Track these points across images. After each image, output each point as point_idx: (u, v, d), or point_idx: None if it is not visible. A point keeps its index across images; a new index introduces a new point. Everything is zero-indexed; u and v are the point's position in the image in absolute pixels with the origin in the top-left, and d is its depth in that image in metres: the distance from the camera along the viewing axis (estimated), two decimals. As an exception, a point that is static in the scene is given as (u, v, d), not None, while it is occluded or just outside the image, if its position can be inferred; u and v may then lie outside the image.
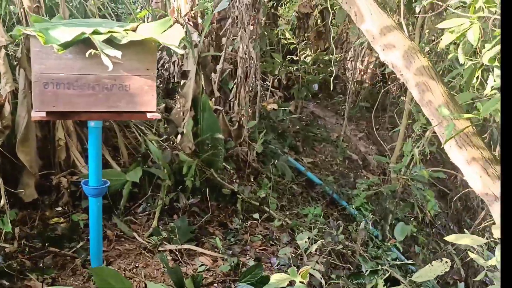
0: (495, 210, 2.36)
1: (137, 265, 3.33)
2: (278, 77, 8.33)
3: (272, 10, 8.90)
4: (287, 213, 4.82)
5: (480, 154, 2.38)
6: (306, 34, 9.45)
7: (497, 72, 2.73)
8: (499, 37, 2.62)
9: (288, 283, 2.35)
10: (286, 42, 8.53)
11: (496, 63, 2.67)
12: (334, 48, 8.21)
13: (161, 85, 6.44)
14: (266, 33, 7.63)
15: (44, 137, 3.82)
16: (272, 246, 4.07)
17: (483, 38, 2.68)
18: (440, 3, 3.26)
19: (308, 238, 3.69)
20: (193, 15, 6.14)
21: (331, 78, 5.53)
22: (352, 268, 3.90)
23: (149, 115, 2.84)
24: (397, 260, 4.63)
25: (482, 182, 2.37)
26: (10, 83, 3.48)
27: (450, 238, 2.41)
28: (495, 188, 2.34)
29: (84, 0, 4.99)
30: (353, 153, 7.22)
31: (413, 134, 5.11)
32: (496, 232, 2.27)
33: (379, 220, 5.60)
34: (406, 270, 4.48)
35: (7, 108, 3.46)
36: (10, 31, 3.78)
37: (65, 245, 3.39)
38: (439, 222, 6.00)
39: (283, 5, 9.79)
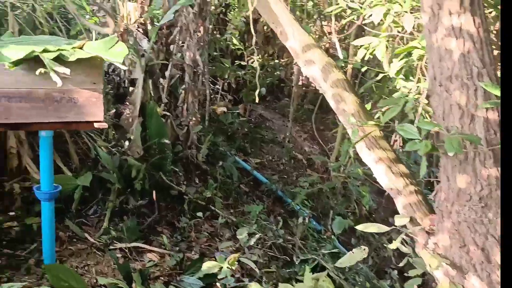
0: (399, 202, 2.76)
1: (88, 263, 3.57)
2: (228, 81, 8.66)
3: (222, 16, 9.23)
4: (232, 211, 5.15)
5: (386, 155, 2.77)
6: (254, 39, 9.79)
7: (403, 83, 3.15)
8: (403, 53, 3.05)
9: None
10: (234, 47, 8.85)
11: (401, 76, 3.10)
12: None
13: (112, 91, 6.61)
14: (214, 39, 7.95)
15: (-4, 145, 4.01)
16: (217, 242, 4.39)
17: (390, 54, 3.10)
18: (357, 22, 3.69)
19: (250, 233, 4.03)
20: (143, 22, 6.37)
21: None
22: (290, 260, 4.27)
23: (96, 125, 3.10)
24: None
25: (388, 178, 2.76)
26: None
27: (359, 227, 2.79)
28: (398, 183, 2.73)
29: (32, 12, 5.15)
30: (298, 153, 7.63)
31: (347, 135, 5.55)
32: (397, 221, 2.68)
33: (322, 216, 6.03)
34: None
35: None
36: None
37: (19, 247, 3.59)
38: (374, 215, 6.48)
39: (232, 11, 10.11)
